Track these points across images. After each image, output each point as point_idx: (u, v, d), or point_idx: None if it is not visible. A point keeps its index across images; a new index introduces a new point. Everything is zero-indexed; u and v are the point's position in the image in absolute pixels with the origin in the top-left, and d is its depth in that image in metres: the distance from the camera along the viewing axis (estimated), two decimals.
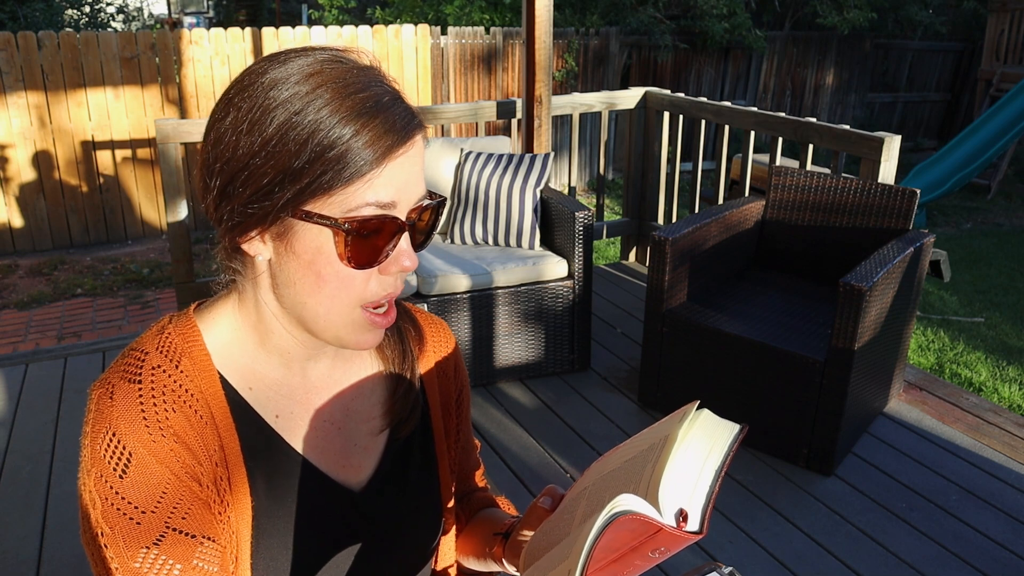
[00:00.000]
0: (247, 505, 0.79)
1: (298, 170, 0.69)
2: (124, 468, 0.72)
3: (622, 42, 8.59)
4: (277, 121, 0.69)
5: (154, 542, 0.72)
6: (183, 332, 0.80)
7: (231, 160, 0.71)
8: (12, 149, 5.85)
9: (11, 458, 2.70)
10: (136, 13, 13.14)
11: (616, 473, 0.74)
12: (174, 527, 0.73)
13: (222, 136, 0.72)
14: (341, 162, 0.69)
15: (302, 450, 0.84)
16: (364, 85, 0.72)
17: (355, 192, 0.71)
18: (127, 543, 0.71)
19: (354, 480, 0.88)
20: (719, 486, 0.67)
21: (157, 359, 0.77)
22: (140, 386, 0.75)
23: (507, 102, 4.02)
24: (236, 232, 0.74)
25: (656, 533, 0.65)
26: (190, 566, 0.73)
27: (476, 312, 3.06)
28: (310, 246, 0.73)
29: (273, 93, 0.70)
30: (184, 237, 3.42)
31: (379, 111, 0.71)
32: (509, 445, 2.81)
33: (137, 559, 0.71)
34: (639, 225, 4.55)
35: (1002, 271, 6.13)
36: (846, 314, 2.44)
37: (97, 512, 0.72)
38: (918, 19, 9.95)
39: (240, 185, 0.71)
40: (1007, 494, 2.57)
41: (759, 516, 2.45)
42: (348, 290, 0.74)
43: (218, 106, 0.74)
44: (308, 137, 0.69)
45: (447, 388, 0.99)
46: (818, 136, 3.35)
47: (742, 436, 0.70)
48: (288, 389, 0.84)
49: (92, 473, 0.72)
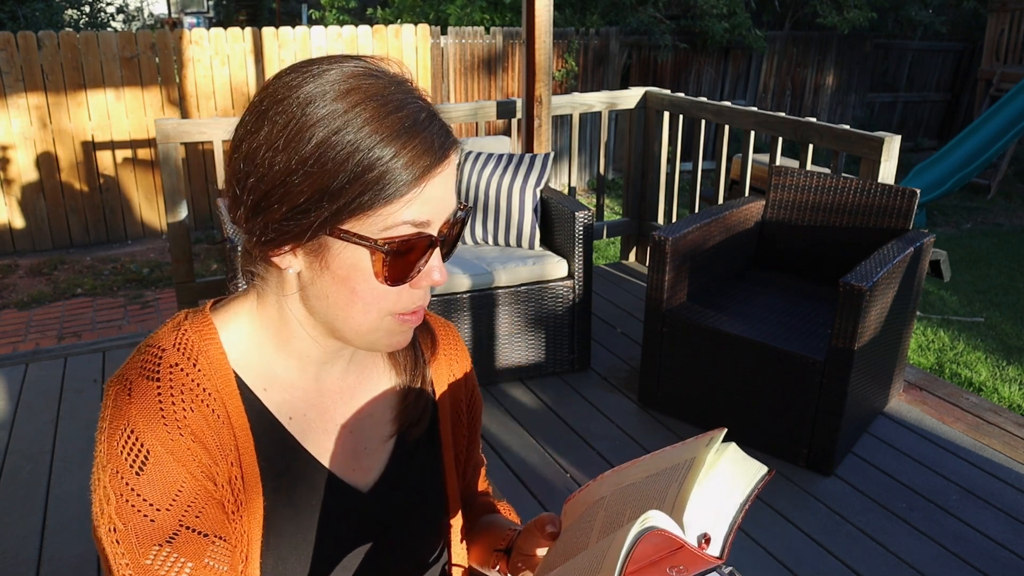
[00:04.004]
0: (259, 505, 0.79)
1: (337, 190, 0.69)
2: (141, 465, 0.72)
3: (622, 42, 8.59)
4: (316, 139, 0.69)
5: (167, 540, 0.72)
6: (200, 330, 0.80)
7: (266, 176, 0.71)
8: (12, 149, 5.85)
9: (11, 458, 2.70)
10: (136, 13, 13.13)
11: (637, 488, 0.75)
12: (188, 525, 0.73)
13: (256, 150, 0.71)
14: (380, 183, 0.69)
15: (314, 452, 0.85)
16: (401, 103, 0.71)
17: (393, 212, 0.71)
18: (140, 540, 0.72)
19: (363, 482, 0.88)
20: (742, 518, 0.69)
21: (175, 356, 0.77)
22: (159, 383, 0.75)
23: (507, 102, 4.02)
24: (269, 246, 0.74)
25: (678, 550, 0.67)
26: (201, 564, 0.74)
27: (476, 312, 3.06)
28: (345, 263, 0.73)
29: (310, 109, 0.69)
30: (184, 237, 3.42)
31: (418, 131, 0.71)
32: (509, 445, 2.81)
33: (149, 556, 0.72)
34: (639, 225, 4.55)
35: (1002, 271, 6.13)
36: (846, 314, 2.44)
37: (111, 508, 0.72)
38: (918, 19, 9.96)
39: (276, 202, 0.71)
40: (1007, 494, 2.57)
41: (759, 516, 2.45)
42: (380, 303, 0.76)
43: (248, 117, 0.73)
44: (347, 157, 0.68)
45: (457, 393, 0.99)
46: (818, 136, 3.35)
47: (768, 478, 0.72)
48: (302, 392, 0.85)
49: (108, 469, 0.73)
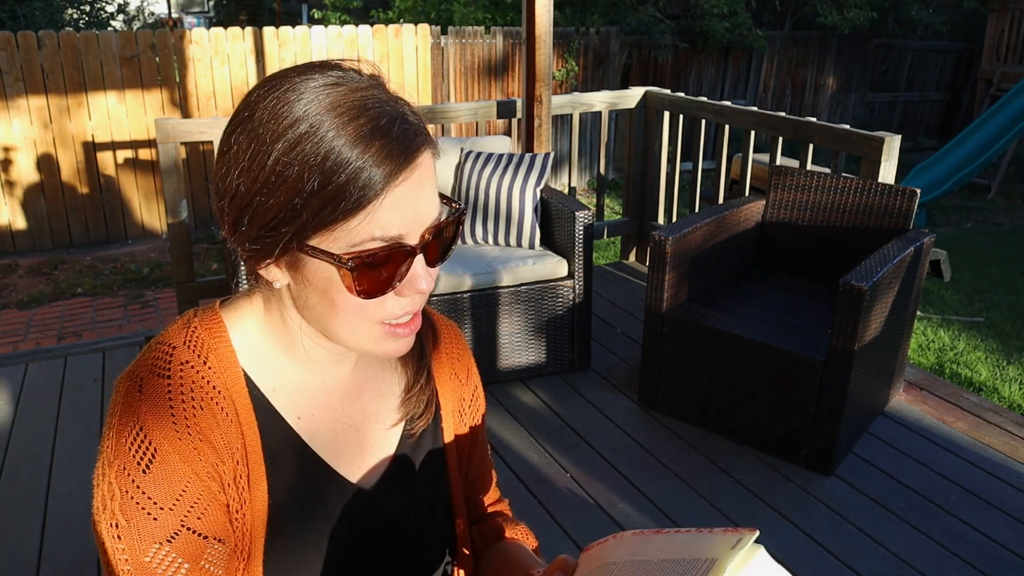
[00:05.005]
0: (263, 503, 0.80)
1: (298, 207, 0.69)
2: (148, 463, 0.73)
3: (622, 42, 8.59)
4: (273, 157, 0.69)
5: (168, 539, 0.73)
6: (210, 328, 0.81)
7: (235, 197, 0.72)
8: (12, 149, 5.85)
9: (11, 458, 2.70)
10: (136, 13, 13.13)
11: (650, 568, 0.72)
12: (189, 526, 0.74)
13: (227, 172, 0.72)
14: (340, 197, 0.68)
15: (321, 452, 0.85)
16: (359, 111, 0.70)
17: (358, 227, 0.70)
18: (141, 537, 0.72)
19: (367, 480, 0.89)
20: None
21: (185, 354, 0.78)
22: (169, 381, 0.76)
23: (507, 102, 4.02)
24: (252, 261, 0.76)
25: None
26: (197, 566, 0.74)
27: (476, 311, 3.06)
28: (322, 276, 0.73)
29: (271, 126, 0.69)
30: (184, 237, 3.42)
31: (375, 138, 0.69)
32: (509, 445, 2.81)
33: (148, 553, 0.72)
34: (639, 225, 4.55)
35: (1002, 271, 6.13)
36: (846, 314, 2.44)
37: (115, 504, 0.72)
38: (918, 19, 9.95)
39: (247, 221, 0.72)
40: (1007, 494, 2.57)
41: (759, 516, 2.45)
42: (363, 314, 0.75)
43: (224, 134, 0.75)
44: (304, 173, 0.68)
45: (459, 391, 1.00)
46: (818, 136, 3.35)
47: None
48: (310, 391, 0.85)
49: (115, 465, 0.73)
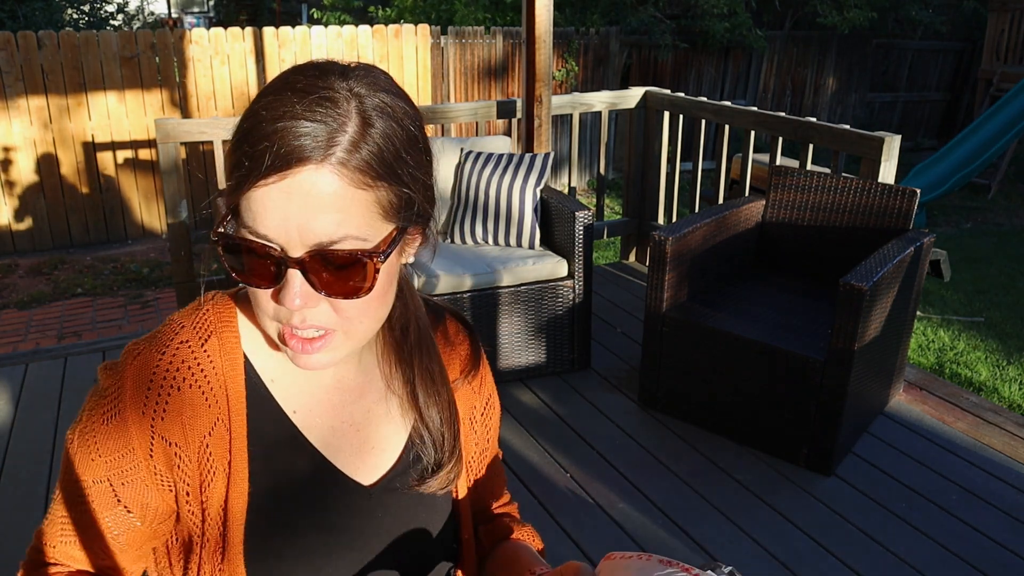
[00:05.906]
0: (243, 490, 0.81)
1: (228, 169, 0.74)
2: (109, 419, 0.78)
3: (622, 42, 8.58)
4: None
5: (94, 481, 0.79)
6: (219, 312, 0.83)
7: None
8: (12, 149, 5.85)
9: (11, 458, 2.70)
10: (136, 13, 13.12)
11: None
12: (111, 482, 0.79)
13: None
14: (235, 168, 0.70)
15: (319, 446, 0.85)
16: (278, 106, 0.69)
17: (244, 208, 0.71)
18: (83, 463, 0.80)
19: (369, 479, 0.88)
20: None
21: (187, 334, 0.81)
22: (162, 357, 0.79)
23: (507, 102, 4.01)
24: None
25: None
26: (101, 516, 0.80)
27: (476, 312, 3.06)
28: None
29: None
30: (184, 237, 3.42)
31: (261, 138, 0.68)
32: (509, 445, 2.80)
33: (85, 476, 0.79)
34: (639, 225, 4.55)
35: (1002, 271, 6.13)
36: (846, 314, 2.44)
37: (80, 425, 0.80)
38: (918, 19, 9.95)
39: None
40: (1007, 494, 2.57)
41: (759, 516, 2.45)
42: (259, 303, 0.75)
43: None
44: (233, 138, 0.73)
45: (471, 398, 0.98)
46: (818, 136, 3.35)
47: None
48: (309, 386, 0.86)
49: (91, 400, 0.81)
